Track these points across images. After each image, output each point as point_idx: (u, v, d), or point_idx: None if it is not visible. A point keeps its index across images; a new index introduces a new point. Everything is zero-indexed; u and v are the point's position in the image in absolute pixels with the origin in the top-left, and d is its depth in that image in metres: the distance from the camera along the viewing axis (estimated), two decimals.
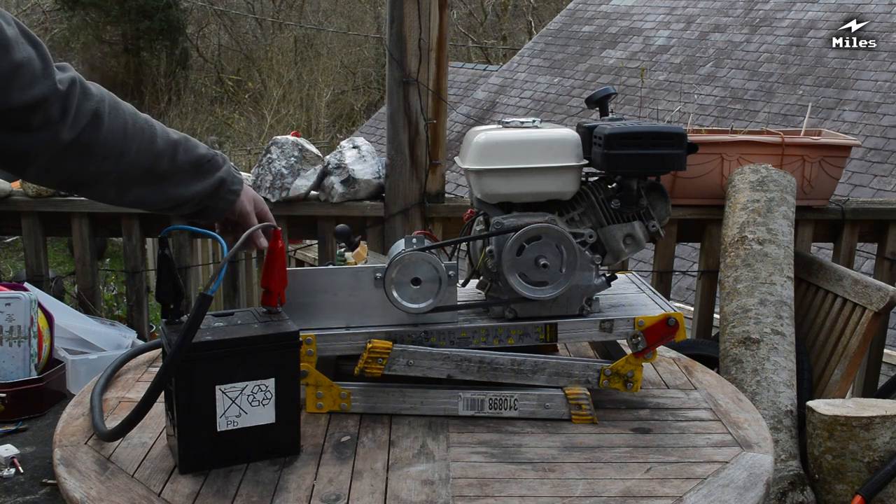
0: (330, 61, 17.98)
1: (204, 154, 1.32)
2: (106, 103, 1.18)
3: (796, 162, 2.86)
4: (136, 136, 1.21)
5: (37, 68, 1.07)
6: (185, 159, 1.28)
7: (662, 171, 1.53)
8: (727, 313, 2.53)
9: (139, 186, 1.26)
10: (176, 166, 1.27)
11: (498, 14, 18.93)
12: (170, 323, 1.32)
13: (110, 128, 1.18)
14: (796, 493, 2.15)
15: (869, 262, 4.07)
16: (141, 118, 1.24)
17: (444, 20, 2.90)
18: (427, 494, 1.22)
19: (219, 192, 1.34)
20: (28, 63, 1.05)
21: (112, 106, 1.19)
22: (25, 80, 1.05)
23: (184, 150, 1.28)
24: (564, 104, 9.58)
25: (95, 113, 1.16)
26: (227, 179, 1.34)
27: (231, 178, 1.35)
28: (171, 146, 1.26)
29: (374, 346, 1.43)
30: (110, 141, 1.18)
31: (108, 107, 1.18)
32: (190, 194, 1.31)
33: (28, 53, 1.05)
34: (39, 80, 1.07)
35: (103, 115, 1.17)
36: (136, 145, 1.21)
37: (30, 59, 1.05)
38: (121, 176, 1.23)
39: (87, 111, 1.15)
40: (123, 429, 1.27)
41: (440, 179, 3.00)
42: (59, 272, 7.15)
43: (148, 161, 1.24)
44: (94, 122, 1.16)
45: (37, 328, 2.31)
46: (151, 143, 1.24)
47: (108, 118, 1.17)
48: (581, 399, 1.47)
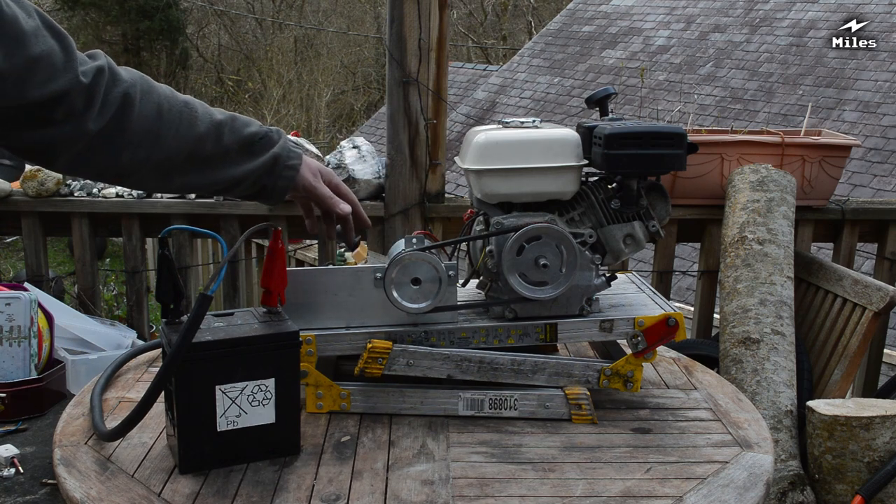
0: (330, 61, 17.98)
1: (255, 132, 1.24)
2: (137, 87, 1.12)
3: (796, 162, 2.86)
4: (172, 120, 1.16)
5: (58, 61, 1.03)
6: (232, 139, 1.22)
7: (662, 171, 1.53)
8: (727, 313, 2.53)
9: (183, 172, 1.20)
10: (222, 148, 1.21)
11: (498, 14, 18.93)
12: (170, 323, 1.32)
13: (142, 113, 1.12)
14: (796, 493, 2.15)
15: (869, 262, 4.07)
16: (179, 101, 1.18)
17: (444, 20, 2.90)
18: (427, 494, 1.22)
19: (274, 169, 1.26)
20: (48, 56, 1.02)
21: (144, 90, 1.13)
22: (45, 73, 1.02)
23: (230, 130, 1.22)
24: (564, 104, 9.59)
25: (125, 98, 1.11)
26: (281, 155, 1.26)
27: (287, 154, 1.27)
28: (214, 128, 1.20)
29: (374, 346, 1.43)
30: (143, 126, 1.13)
31: (139, 91, 1.12)
32: (241, 174, 1.24)
33: (49, 46, 1.02)
34: (60, 73, 1.03)
35: (134, 99, 1.11)
36: (173, 130, 1.15)
37: (50, 52, 1.02)
38: (160, 162, 1.17)
39: (115, 97, 1.10)
40: (123, 429, 1.27)
41: (440, 179, 3.00)
42: (59, 272, 7.15)
43: (188, 145, 1.18)
44: (124, 107, 1.11)
45: (37, 328, 2.31)
46: (191, 126, 1.17)
47: (140, 103, 1.12)
48: (581, 399, 1.47)
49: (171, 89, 1.20)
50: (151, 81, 1.18)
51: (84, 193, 3.02)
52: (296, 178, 1.29)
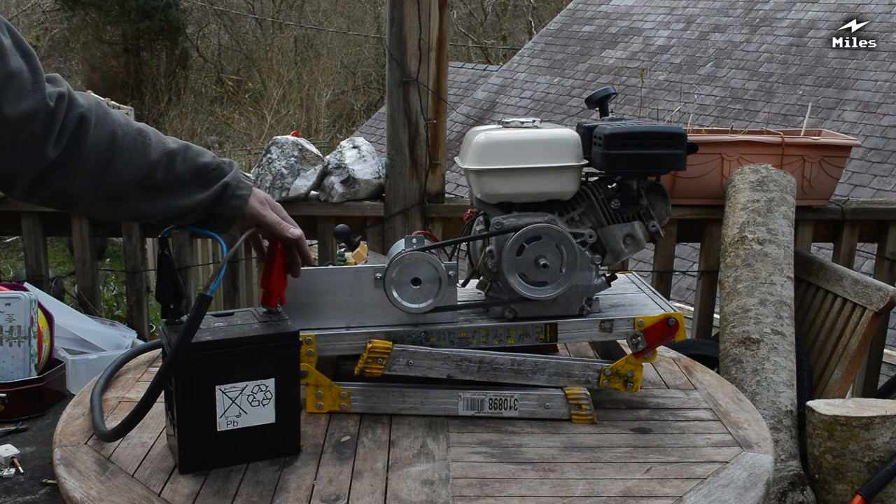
0: (330, 61, 17.98)
1: (208, 163, 1.25)
2: (93, 113, 1.13)
3: (796, 162, 2.86)
4: (125, 147, 1.16)
5: (27, 80, 1.03)
6: (184, 170, 1.22)
7: (662, 171, 1.53)
8: (727, 313, 2.53)
9: (133, 199, 1.20)
10: (173, 177, 1.21)
11: (498, 14, 18.93)
12: (170, 323, 1.32)
13: (96, 138, 1.13)
14: (796, 493, 2.16)
15: (869, 262, 4.06)
16: (133, 129, 1.18)
17: (444, 20, 2.90)
18: (427, 494, 1.22)
19: (222, 198, 1.27)
20: (19, 74, 1.02)
21: (99, 116, 1.14)
22: (15, 91, 1.01)
23: (182, 160, 1.22)
24: (564, 104, 9.59)
25: (80, 122, 1.11)
26: (230, 184, 1.27)
27: (236, 183, 1.28)
28: (167, 156, 1.20)
29: (374, 346, 1.43)
30: (96, 152, 1.13)
31: (94, 117, 1.13)
32: (191, 204, 1.24)
33: (19, 65, 1.02)
34: (29, 94, 1.03)
35: (89, 125, 1.12)
36: (125, 156, 1.16)
37: (20, 71, 1.02)
38: (110, 189, 1.17)
39: (71, 121, 1.10)
40: (123, 429, 1.27)
41: (440, 179, 3.00)
42: (59, 272, 7.15)
43: (140, 172, 1.18)
44: (78, 132, 1.11)
45: (37, 328, 2.30)
46: (144, 153, 1.18)
47: (95, 128, 1.12)
48: (581, 399, 1.47)
49: (125, 116, 1.20)
50: (107, 108, 1.17)
51: None
52: (244, 208, 1.29)
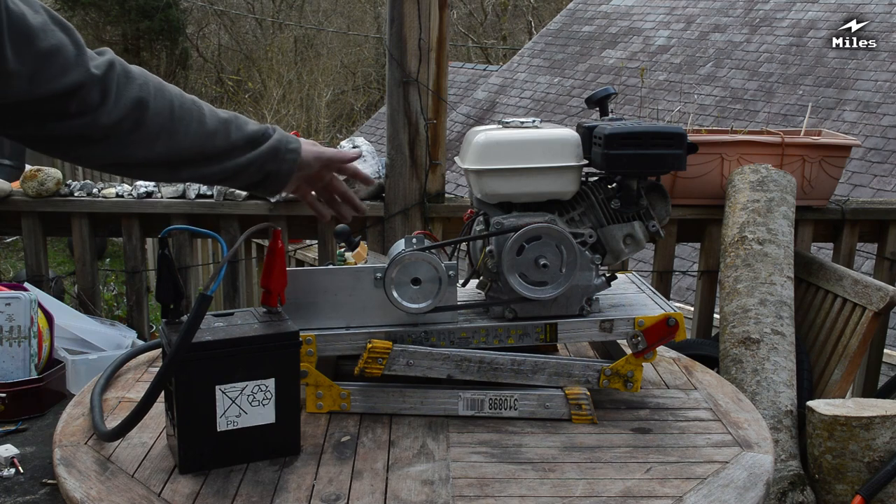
0: (330, 61, 17.97)
1: (256, 129, 1.29)
2: (150, 86, 1.15)
3: (796, 162, 2.86)
4: (184, 118, 1.19)
5: (69, 54, 1.04)
6: (239, 136, 1.27)
7: (662, 171, 1.53)
8: (727, 313, 2.53)
9: (192, 166, 1.24)
10: (229, 143, 1.26)
11: (498, 14, 18.93)
12: (170, 323, 1.32)
13: (156, 111, 1.15)
14: (796, 493, 2.16)
15: (869, 262, 4.07)
16: (188, 99, 1.21)
17: (444, 20, 2.90)
18: (427, 494, 1.22)
19: (277, 153, 1.31)
20: (59, 50, 1.03)
21: (157, 88, 1.16)
22: (57, 68, 1.03)
23: (236, 127, 1.27)
24: (564, 104, 9.58)
25: (140, 96, 1.13)
26: (281, 140, 1.31)
27: (285, 139, 1.32)
28: (222, 125, 1.24)
29: (374, 346, 1.43)
30: (158, 124, 1.16)
31: (152, 89, 1.15)
32: (246, 161, 1.28)
33: (58, 40, 1.03)
34: (73, 67, 1.05)
35: (148, 98, 1.14)
36: (183, 127, 1.19)
37: (61, 46, 1.03)
38: (171, 157, 1.20)
39: (129, 96, 1.12)
40: (123, 429, 1.27)
41: (440, 179, 3.00)
42: (59, 272, 7.15)
43: (199, 141, 1.22)
44: (139, 105, 1.13)
45: (37, 328, 2.31)
46: (200, 123, 1.21)
47: (154, 101, 1.15)
48: (581, 399, 1.47)
49: (178, 88, 1.23)
50: (161, 80, 1.20)
51: (84, 193, 3.01)
52: (299, 159, 1.34)
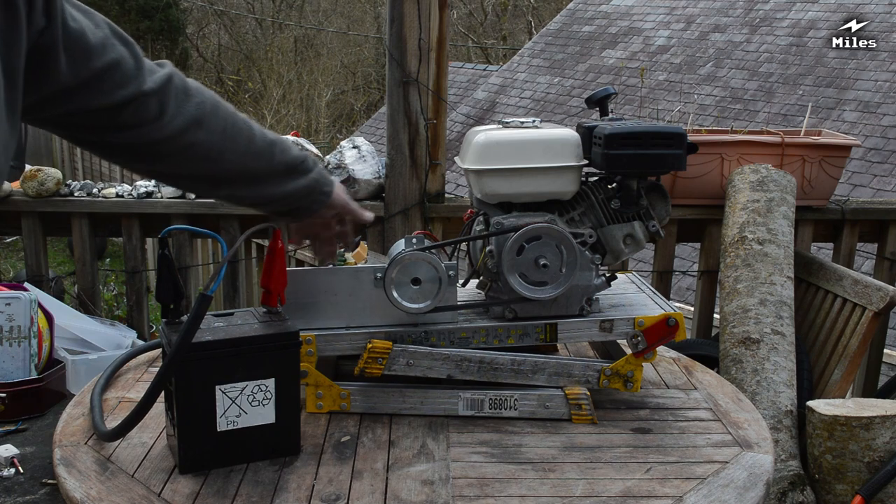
0: (330, 61, 17.97)
1: (297, 156, 1.31)
2: (207, 105, 1.18)
3: (796, 162, 2.86)
4: (234, 137, 1.21)
5: (128, 68, 1.06)
6: (281, 160, 1.29)
7: (662, 171, 1.53)
8: (727, 313, 2.53)
9: (232, 185, 1.27)
10: (271, 167, 1.28)
11: (498, 14, 18.92)
12: (170, 323, 1.32)
13: (210, 129, 1.18)
14: (796, 493, 2.16)
15: (869, 262, 4.06)
16: (240, 119, 1.24)
17: (444, 20, 2.90)
18: (427, 494, 1.22)
19: (312, 193, 1.34)
20: (118, 64, 1.05)
21: (213, 106, 1.19)
22: (114, 82, 1.05)
23: (280, 150, 1.28)
24: (564, 104, 9.58)
25: (195, 116, 1.16)
26: (318, 180, 1.34)
27: (323, 178, 1.35)
28: (268, 146, 1.26)
29: (374, 346, 1.43)
30: (210, 143, 1.18)
31: (209, 108, 1.18)
32: (282, 194, 1.30)
33: (119, 54, 1.05)
34: (130, 81, 1.07)
35: (203, 116, 1.17)
36: (234, 146, 1.21)
37: (120, 60, 1.05)
38: (216, 174, 1.23)
39: (186, 113, 1.14)
40: (123, 429, 1.27)
41: (440, 179, 3.00)
42: (59, 272, 7.15)
43: (245, 161, 1.24)
44: (193, 124, 1.15)
45: (37, 328, 2.30)
46: (250, 143, 1.24)
47: (209, 119, 1.17)
48: (581, 399, 1.47)
49: (231, 106, 1.25)
50: (216, 97, 1.22)
51: (84, 193, 3.01)
52: (329, 201, 1.37)
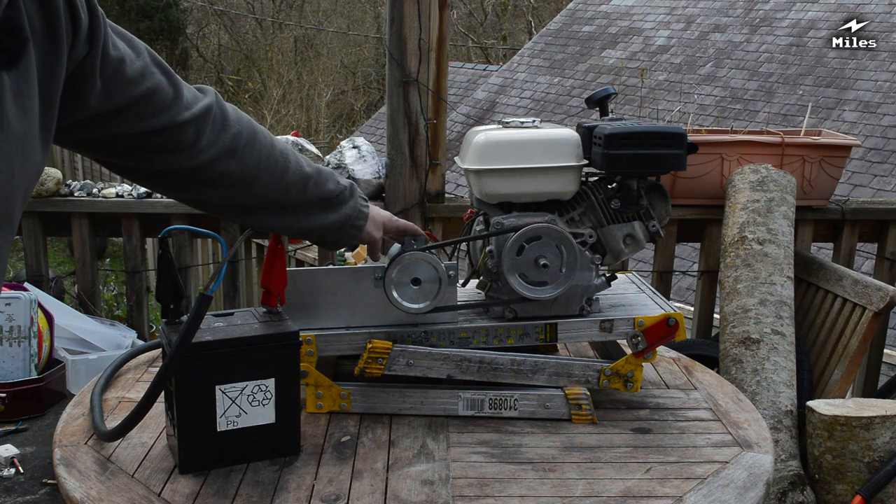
0: (330, 61, 17.96)
1: (332, 189, 1.32)
2: (243, 136, 1.19)
3: (796, 162, 2.86)
4: (268, 169, 1.22)
5: (166, 97, 1.07)
6: (315, 193, 1.29)
7: (662, 171, 1.53)
8: (727, 313, 2.53)
9: (264, 213, 1.28)
10: (304, 200, 1.29)
11: (498, 14, 18.92)
12: (170, 323, 1.32)
13: (243, 160, 1.19)
14: (796, 493, 2.15)
15: (869, 262, 4.06)
16: (277, 150, 1.24)
17: (444, 20, 2.90)
18: (427, 494, 1.22)
19: (343, 228, 1.35)
20: (154, 93, 1.06)
21: (249, 138, 1.20)
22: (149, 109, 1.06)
23: (314, 184, 1.29)
24: (564, 104, 9.58)
25: (230, 146, 1.17)
26: (350, 215, 1.35)
27: (356, 213, 1.36)
28: (301, 180, 1.27)
29: (374, 346, 1.43)
30: (241, 172, 1.19)
31: (244, 139, 1.19)
32: (313, 227, 1.32)
33: (156, 83, 1.06)
34: (167, 109, 1.08)
35: (238, 147, 1.18)
36: (266, 177, 1.22)
37: (157, 89, 1.06)
38: (247, 203, 1.25)
39: (222, 143, 1.16)
40: (123, 429, 1.27)
41: (440, 179, 3.00)
42: (59, 272, 7.15)
43: (276, 193, 1.25)
44: (228, 154, 1.17)
45: (37, 328, 2.30)
46: (283, 176, 1.24)
47: (243, 150, 1.18)
48: (581, 399, 1.47)
49: (270, 136, 1.26)
50: (255, 127, 1.23)
51: (84, 193, 3.01)
52: (359, 237, 1.39)
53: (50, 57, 0.87)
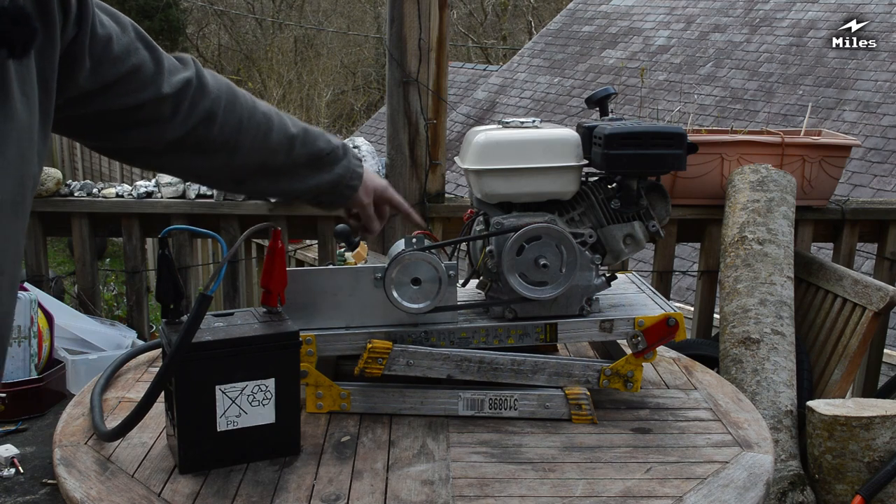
0: (330, 61, 17.96)
1: (322, 148, 1.31)
2: (222, 101, 1.18)
3: (796, 162, 2.86)
4: (249, 132, 1.22)
5: (148, 73, 1.07)
6: (303, 153, 1.29)
7: (662, 171, 1.53)
8: (727, 313, 2.53)
9: (254, 180, 1.28)
10: (292, 161, 1.28)
11: (498, 14, 18.92)
12: (170, 323, 1.32)
13: (223, 125, 1.19)
14: (796, 493, 2.15)
15: (869, 262, 4.06)
16: (259, 112, 1.24)
17: (444, 20, 2.90)
18: (427, 494, 1.22)
19: (337, 188, 1.35)
20: (138, 69, 1.06)
21: (228, 102, 1.19)
22: (132, 86, 1.06)
23: (301, 143, 1.29)
24: (564, 104, 9.58)
25: (209, 112, 1.16)
26: (344, 175, 1.35)
27: (350, 174, 1.36)
28: (287, 140, 1.27)
29: (374, 346, 1.43)
30: (222, 138, 1.19)
31: (223, 104, 1.19)
32: (305, 188, 1.32)
33: (140, 59, 1.06)
34: (149, 85, 1.08)
35: (216, 114, 1.17)
36: (249, 141, 1.22)
37: (141, 65, 1.06)
38: (234, 170, 1.25)
39: (200, 110, 1.15)
40: (123, 429, 1.27)
41: (440, 179, 3.00)
42: (59, 272, 7.14)
43: (262, 156, 1.25)
44: (207, 121, 1.16)
45: (37, 328, 2.31)
46: (266, 139, 1.24)
47: (223, 115, 1.18)
48: (581, 399, 1.47)
49: (252, 99, 1.25)
50: (235, 91, 1.22)
51: (84, 193, 3.01)
52: (352, 198, 1.39)
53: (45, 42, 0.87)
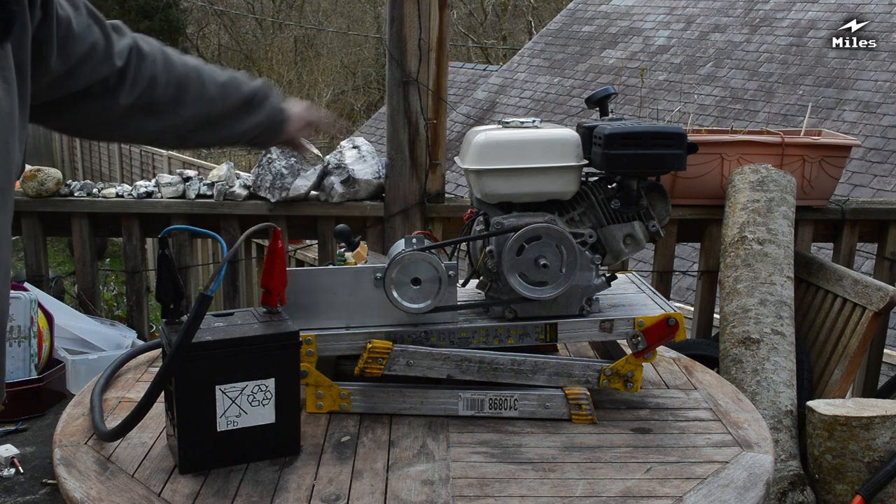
0: (330, 61, 17.97)
1: (249, 91, 1.36)
2: (159, 63, 1.22)
3: (796, 162, 2.86)
4: (187, 88, 1.26)
5: (101, 50, 1.10)
6: (236, 97, 1.34)
7: (662, 171, 1.53)
8: (727, 313, 2.53)
9: (198, 133, 1.32)
10: (227, 107, 1.33)
11: (498, 14, 18.92)
12: (170, 323, 1.32)
13: (166, 84, 1.22)
14: (796, 493, 2.15)
15: (869, 262, 4.06)
16: (190, 66, 1.28)
17: (444, 20, 2.90)
18: (427, 494, 1.22)
19: (271, 125, 1.40)
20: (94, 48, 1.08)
21: (164, 61, 1.23)
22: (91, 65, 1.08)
23: (233, 88, 1.33)
24: (564, 104, 9.58)
25: (152, 76, 1.20)
26: (274, 112, 1.39)
27: (277, 110, 1.40)
28: (220, 88, 1.31)
29: (374, 346, 1.43)
30: (165, 98, 1.23)
31: (161, 65, 1.22)
32: (241, 131, 1.37)
33: (95, 37, 1.08)
34: (104, 62, 1.10)
35: (158, 76, 1.21)
36: (189, 99, 1.26)
37: (96, 43, 1.08)
38: (179, 127, 1.28)
39: (144, 76, 1.19)
40: (123, 429, 1.27)
41: (440, 179, 3.00)
42: (59, 272, 7.14)
43: (202, 108, 1.29)
44: (151, 82, 1.20)
45: (37, 328, 2.31)
46: (202, 92, 1.28)
47: (163, 75, 1.22)
48: (581, 399, 1.47)
49: (178, 53, 1.29)
50: (167, 52, 1.26)
51: (84, 193, 3.01)
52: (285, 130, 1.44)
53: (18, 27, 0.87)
